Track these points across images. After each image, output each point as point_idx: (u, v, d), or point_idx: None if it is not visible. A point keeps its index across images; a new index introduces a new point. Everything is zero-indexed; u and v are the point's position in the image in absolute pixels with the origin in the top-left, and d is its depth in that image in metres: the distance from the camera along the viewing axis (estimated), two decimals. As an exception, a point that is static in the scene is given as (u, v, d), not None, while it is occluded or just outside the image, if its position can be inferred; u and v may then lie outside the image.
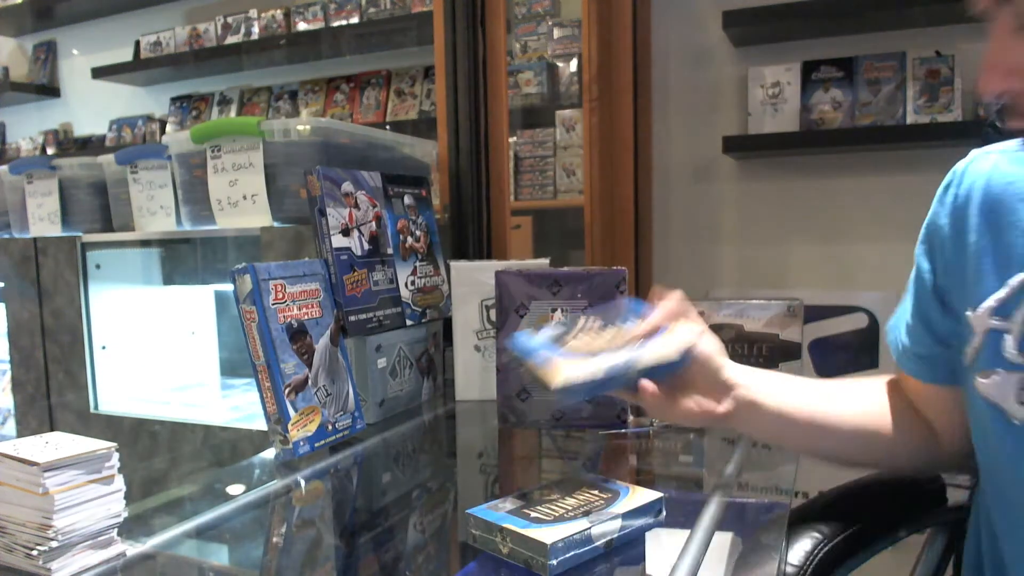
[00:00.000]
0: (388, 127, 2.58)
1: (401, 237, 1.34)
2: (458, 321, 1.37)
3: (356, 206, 1.23)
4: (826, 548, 0.86)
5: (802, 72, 2.00)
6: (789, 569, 0.86)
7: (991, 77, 0.59)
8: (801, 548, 0.86)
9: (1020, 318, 0.69)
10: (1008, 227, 0.71)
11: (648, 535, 0.77)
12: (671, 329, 0.78)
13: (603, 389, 0.77)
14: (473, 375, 1.37)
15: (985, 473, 0.78)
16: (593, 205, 1.97)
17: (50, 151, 3.47)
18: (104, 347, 1.64)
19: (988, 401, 0.71)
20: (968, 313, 0.74)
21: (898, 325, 0.89)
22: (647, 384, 0.77)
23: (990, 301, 0.71)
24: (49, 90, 3.49)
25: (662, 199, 2.21)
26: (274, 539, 0.85)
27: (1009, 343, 0.69)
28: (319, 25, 2.67)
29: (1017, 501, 0.72)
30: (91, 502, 0.70)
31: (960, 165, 0.79)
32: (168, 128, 3.10)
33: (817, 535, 0.87)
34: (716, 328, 1.33)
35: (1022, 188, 0.71)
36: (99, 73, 3.13)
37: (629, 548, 0.75)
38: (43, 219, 1.71)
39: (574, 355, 0.76)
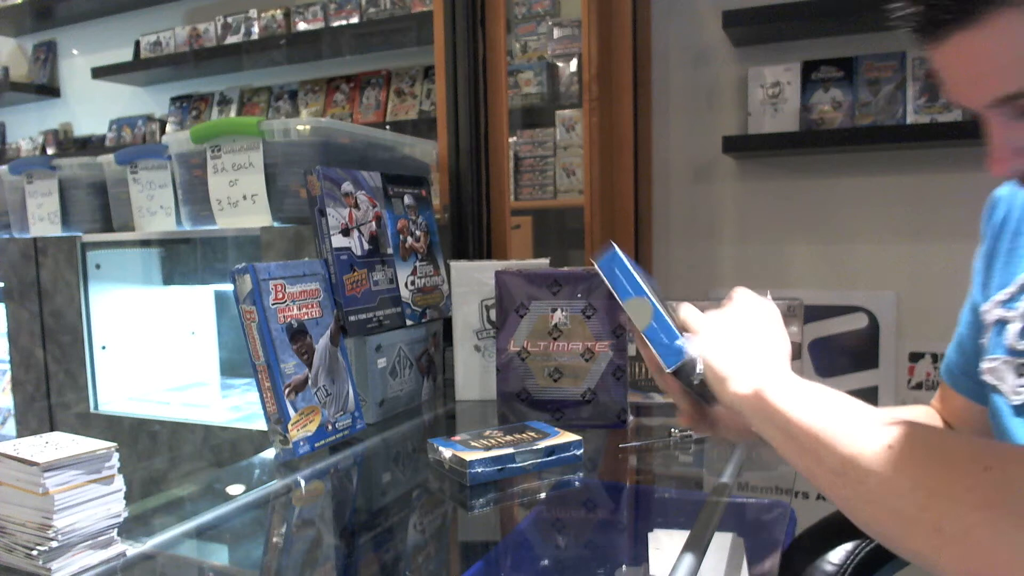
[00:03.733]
0: (388, 127, 2.58)
1: (401, 237, 1.34)
2: (458, 321, 1.37)
3: (356, 206, 1.23)
4: (867, 549, 0.87)
5: (802, 72, 2.00)
6: (828, 568, 0.86)
7: (1004, 162, 0.62)
8: (842, 548, 0.87)
9: (1022, 309, 0.75)
10: None
11: (649, 535, 0.77)
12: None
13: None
14: (473, 375, 1.37)
15: None
16: (593, 205, 1.97)
17: (50, 151, 3.47)
18: (104, 347, 1.64)
19: (990, 386, 0.78)
20: (982, 308, 0.81)
21: (950, 350, 0.97)
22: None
23: (1000, 295, 0.79)
24: (49, 90, 3.49)
25: (662, 199, 2.21)
26: (274, 539, 0.85)
27: (1011, 331, 0.76)
28: (319, 25, 2.67)
29: None
30: (91, 502, 0.70)
31: (1000, 189, 0.87)
32: (168, 128, 3.10)
33: (860, 536, 0.88)
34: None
35: None
36: (99, 73, 3.13)
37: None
38: (43, 219, 1.71)
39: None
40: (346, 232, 1.20)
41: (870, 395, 2.01)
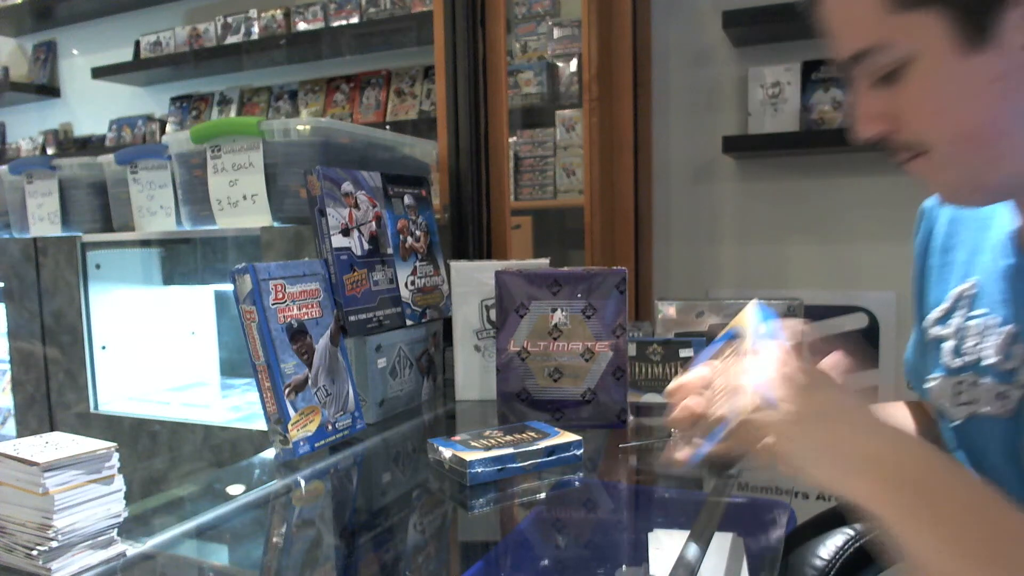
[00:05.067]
0: (388, 127, 2.58)
1: (401, 237, 1.34)
2: (458, 321, 1.37)
3: (356, 206, 1.23)
4: (856, 545, 0.87)
5: (802, 72, 2.00)
6: (818, 562, 0.87)
7: (864, 124, 0.65)
8: (832, 543, 0.87)
9: (955, 326, 0.75)
10: (954, 247, 0.79)
11: (649, 535, 0.77)
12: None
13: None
14: (473, 375, 1.37)
15: None
16: (593, 205, 1.97)
17: (50, 151, 3.47)
18: (104, 347, 1.64)
19: (935, 404, 0.78)
20: (924, 325, 0.81)
21: (908, 351, 0.96)
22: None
23: (936, 312, 0.79)
24: (49, 90, 3.49)
25: (662, 199, 2.21)
26: (274, 539, 0.85)
27: (946, 349, 0.76)
28: (319, 25, 2.67)
29: None
30: (91, 502, 0.70)
31: (927, 201, 0.87)
32: (168, 128, 3.10)
33: (849, 532, 0.88)
34: (716, 328, 1.33)
35: (969, 215, 0.79)
36: (99, 73, 3.13)
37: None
38: (43, 219, 1.71)
39: None
40: (346, 232, 1.20)
41: (870, 395, 2.01)
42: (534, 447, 0.98)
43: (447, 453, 0.97)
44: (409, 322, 1.31)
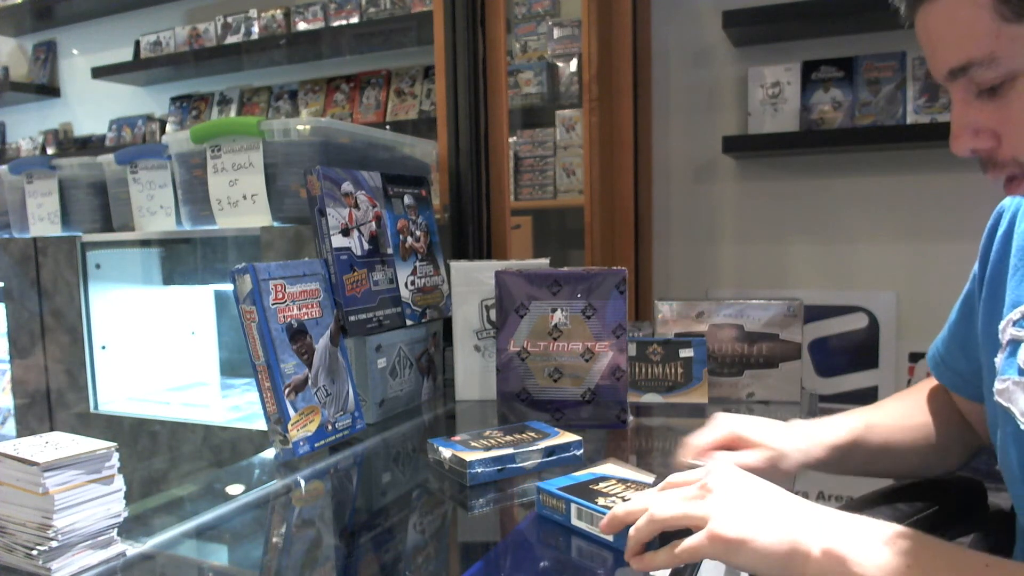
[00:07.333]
0: (388, 127, 2.58)
1: (401, 237, 1.34)
2: (458, 321, 1.37)
3: (356, 206, 1.23)
4: None
5: (802, 72, 2.00)
6: None
7: (961, 139, 0.64)
8: None
9: None
10: None
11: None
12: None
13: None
14: (473, 375, 1.37)
15: (1007, 482, 0.80)
16: (593, 205, 1.97)
17: (50, 151, 3.47)
18: (104, 347, 1.64)
19: (1002, 406, 0.75)
20: (999, 325, 0.78)
21: (937, 342, 0.97)
22: None
23: (1014, 314, 0.76)
24: (49, 90, 3.49)
25: (662, 199, 2.22)
26: (274, 539, 0.85)
27: (1023, 352, 0.72)
28: (319, 25, 2.67)
29: None
30: (91, 502, 0.70)
31: (1006, 200, 0.85)
32: (168, 128, 3.10)
33: None
34: (716, 328, 1.33)
35: None
36: (99, 73, 3.13)
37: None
38: (43, 219, 1.71)
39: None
40: (346, 232, 1.20)
41: (870, 395, 2.01)
42: (534, 447, 0.98)
43: (447, 453, 0.97)
44: (409, 322, 1.31)
